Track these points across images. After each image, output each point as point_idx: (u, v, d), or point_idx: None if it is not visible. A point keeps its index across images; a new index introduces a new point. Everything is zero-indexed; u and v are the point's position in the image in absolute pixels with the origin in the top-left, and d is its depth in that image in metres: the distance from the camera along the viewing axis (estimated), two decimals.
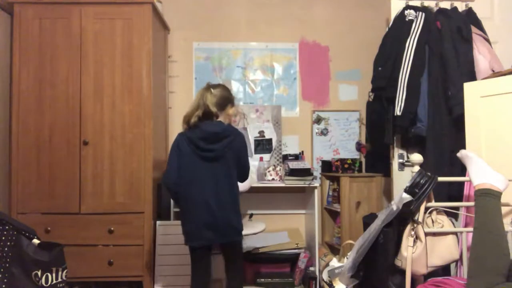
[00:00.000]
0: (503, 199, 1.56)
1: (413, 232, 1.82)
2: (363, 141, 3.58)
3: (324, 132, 3.58)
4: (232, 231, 2.14)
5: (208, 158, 2.08)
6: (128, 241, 2.80)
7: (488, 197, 1.49)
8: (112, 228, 2.79)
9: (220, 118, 2.19)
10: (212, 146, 2.08)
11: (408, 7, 2.79)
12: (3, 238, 1.91)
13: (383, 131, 2.85)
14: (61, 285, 1.96)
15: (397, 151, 2.85)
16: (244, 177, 2.25)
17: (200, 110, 2.12)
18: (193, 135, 2.09)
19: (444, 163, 2.54)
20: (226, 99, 2.21)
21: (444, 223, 1.89)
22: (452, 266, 2.05)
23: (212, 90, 2.17)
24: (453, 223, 1.94)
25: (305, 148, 3.56)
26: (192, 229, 2.12)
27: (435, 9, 2.83)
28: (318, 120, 3.59)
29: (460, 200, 2.10)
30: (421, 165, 1.97)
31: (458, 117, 2.42)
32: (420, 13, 2.72)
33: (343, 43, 3.65)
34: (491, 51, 2.63)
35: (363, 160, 3.53)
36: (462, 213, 2.01)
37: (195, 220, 2.10)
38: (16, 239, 1.93)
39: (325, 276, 2.82)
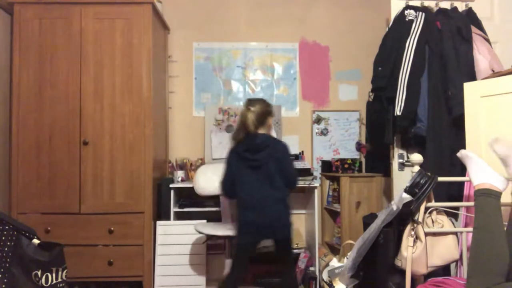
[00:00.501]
0: (503, 199, 1.56)
1: (413, 232, 1.81)
2: (363, 141, 3.58)
3: (324, 132, 3.58)
4: (280, 228, 2.33)
5: (254, 167, 2.32)
6: (128, 241, 2.80)
7: (488, 197, 1.49)
8: (112, 228, 2.79)
9: (262, 131, 2.39)
10: (256, 156, 2.31)
11: (408, 7, 2.78)
12: (3, 238, 1.91)
13: (383, 131, 2.85)
14: (61, 285, 1.96)
15: (397, 151, 2.85)
16: (290, 184, 2.39)
17: (244, 129, 2.37)
18: (239, 148, 2.35)
19: (444, 163, 2.54)
20: (265, 113, 2.41)
21: (444, 223, 1.89)
22: (452, 266, 2.05)
23: (251, 108, 2.37)
24: (453, 223, 1.94)
25: (305, 148, 3.56)
26: (244, 228, 2.33)
27: (435, 9, 2.83)
28: (318, 120, 3.59)
29: (460, 200, 2.10)
30: (421, 165, 1.97)
31: (458, 117, 2.42)
32: (420, 13, 2.72)
33: (343, 43, 3.65)
34: (491, 51, 2.63)
35: (363, 160, 3.53)
36: (462, 213, 2.01)
37: (246, 221, 2.32)
38: (16, 239, 1.93)
39: (325, 276, 2.82)
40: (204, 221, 2.98)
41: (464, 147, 2.11)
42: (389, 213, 1.80)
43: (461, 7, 2.83)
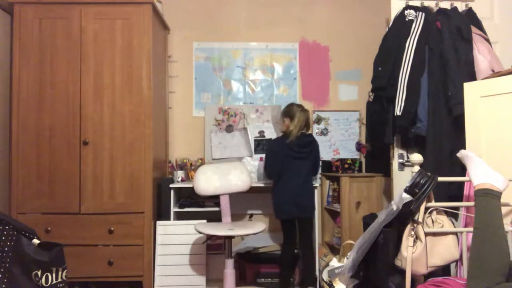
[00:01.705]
0: (503, 199, 1.56)
1: (413, 232, 1.81)
2: (363, 141, 3.58)
3: (324, 132, 3.58)
4: (310, 208, 2.92)
5: (299, 158, 2.86)
6: (128, 241, 2.80)
7: (488, 197, 1.49)
8: (112, 228, 2.79)
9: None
10: (304, 150, 2.88)
11: (408, 7, 2.78)
12: (3, 238, 1.91)
13: (383, 131, 2.85)
14: (61, 285, 1.96)
15: (397, 151, 2.84)
16: (317, 171, 3.11)
17: (301, 126, 2.90)
18: (293, 142, 2.86)
19: (444, 163, 2.54)
20: None
21: (444, 223, 1.88)
22: (452, 266, 2.05)
23: (304, 111, 2.95)
24: (453, 223, 1.93)
25: None
26: (282, 207, 2.85)
27: (435, 9, 2.82)
28: (318, 120, 3.59)
29: (460, 200, 2.09)
30: (421, 165, 1.97)
31: (458, 117, 2.42)
32: (420, 13, 2.72)
33: (343, 43, 3.65)
34: (491, 51, 2.63)
35: (363, 160, 3.53)
36: (462, 213, 2.01)
37: (286, 200, 2.83)
38: (16, 239, 1.93)
39: (325, 276, 2.82)
40: (204, 221, 2.98)
41: (464, 147, 2.10)
42: (389, 213, 1.80)
43: (461, 7, 2.83)
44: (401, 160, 2.83)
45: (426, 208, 1.85)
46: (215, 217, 3.02)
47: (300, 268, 3.06)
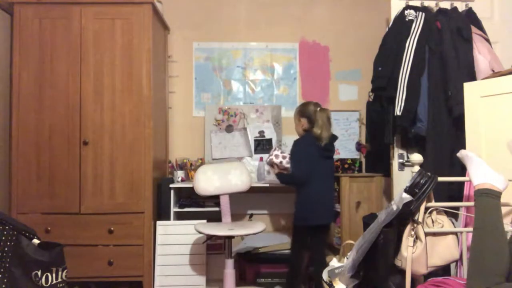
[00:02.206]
0: (503, 199, 1.56)
1: (413, 232, 1.81)
2: (363, 141, 3.58)
3: None
4: (333, 213, 2.81)
5: (328, 157, 2.74)
6: (128, 241, 2.80)
7: (488, 197, 1.49)
8: (112, 228, 2.79)
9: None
10: (331, 147, 2.75)
11: (408, 7, 2.78)
12: (3, 238, 1.91)
13: (383, 131, 2.85)
14: (61, 285, 1.96)
15: (397, 151, 2.85)
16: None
17: (327, 126, 2.74)
18: (323, 143, 2.68)
19: (444, 163, 2.54)
20: None
21: (444, 223, 1.89)
22: (452, 266, 2.05)
23: (323, 109, 2.78)
24: (453, 223, 1.94)
25: None
26: (317, 212, 2.64)
27: (435, 9, 2.83)
28: None
29: (460, 200, 2.10)
30: (421, 165, 1.97)
31: (458, 117, 2.42)
32: (420, 13, 2.72)
33: (343, 43, 3.65)
34: (491, 51, 2.63)
35: (363, 160, 3.53)
36: (462, 213, 2.01)
37: (320, 205, 2.65)
38: (16, 239, 1.93)
39: (325, 276, 2.82)
40: (204, 221, 2.98)
41: (464, 147, 2.10)
42: (389, 213, 1.80)
43: (461, 7, 2.83)
44: (401, 160, 2.83)
45: (426, 208, 1.85)
46: (215, 217, 3.02)
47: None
